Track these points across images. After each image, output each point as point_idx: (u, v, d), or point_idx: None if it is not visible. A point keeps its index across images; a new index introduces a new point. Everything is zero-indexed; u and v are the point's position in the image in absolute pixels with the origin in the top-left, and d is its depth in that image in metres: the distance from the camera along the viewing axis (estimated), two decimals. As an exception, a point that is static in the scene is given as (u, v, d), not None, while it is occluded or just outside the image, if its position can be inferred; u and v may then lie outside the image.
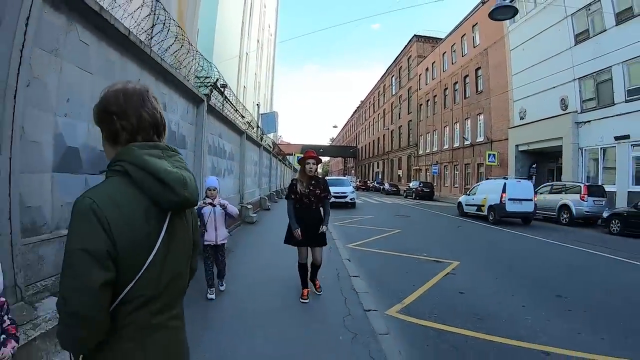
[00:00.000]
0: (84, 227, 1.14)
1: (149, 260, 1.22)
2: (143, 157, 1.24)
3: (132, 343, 1.24)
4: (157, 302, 1.28)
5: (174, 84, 6.19)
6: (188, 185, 1.30)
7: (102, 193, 1.20)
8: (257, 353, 3.71)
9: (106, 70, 3.99)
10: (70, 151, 3.40)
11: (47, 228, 3.13)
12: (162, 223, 1.27)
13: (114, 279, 1.16)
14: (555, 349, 4.12)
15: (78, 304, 1.11)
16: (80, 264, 1.11)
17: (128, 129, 1.30)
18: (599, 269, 8.43)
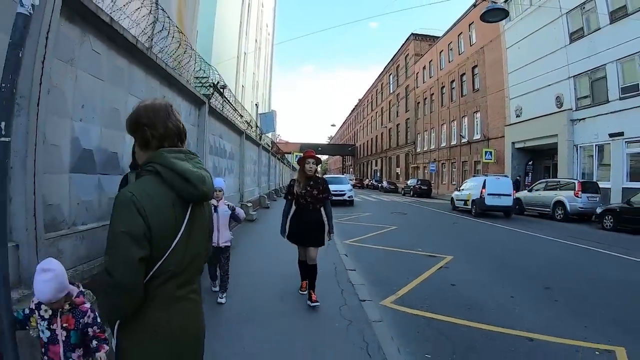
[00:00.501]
0: (126, 214, 1.43)
1: (175, 242, 1.52)
2: (171, 160, 1.54)
3: (160, 311, 1.53)
4: (180, 278, 1.58)
5: (177, 88, 6.48)
6: (206, 182, 1.61)
7: (139, 188, 1.50)
8: (257, 337, 4.00)
9: (115, 76, 4.27)
10: (85, 153, 3.68)
11: (65, 224, 3.40)
12: (185, 212, 1.57)
13: (148, 256, 1.45)
14: (539, 335, 4.38)
15: (121, 276, 1.39)
16: (123, 243, 1.40)
17: (157, 137, 1.61)
18: (589, 263, 8.69)
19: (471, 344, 4.17)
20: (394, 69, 60.94)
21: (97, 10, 3.54)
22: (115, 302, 1.45)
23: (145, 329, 1.53)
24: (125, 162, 4.35)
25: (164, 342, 1.55)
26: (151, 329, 1.53)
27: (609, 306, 5.58)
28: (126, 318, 1.51)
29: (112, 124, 4.19)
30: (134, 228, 1.42)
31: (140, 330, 1.53)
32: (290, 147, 63.87)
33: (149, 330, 1.53)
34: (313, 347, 3.84)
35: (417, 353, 3.91)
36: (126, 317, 1.50)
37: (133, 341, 1.54)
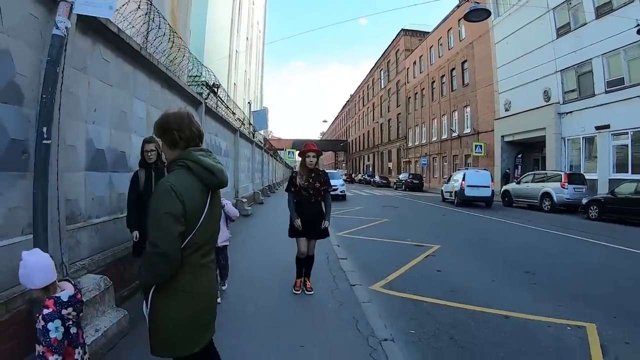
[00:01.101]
0: (168, 199, 1.84)
1: (201, 219, 1.95)
2: (198, 157, 1.99)
3: (189, 275, 1.98)
4: (204, 249, 2.04)
5: (176, 89, 6.85)
6: (224, 173, 2.06)
7: (176, 179, 1.92)
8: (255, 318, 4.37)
9: (122, 81, 4.64)
10: (97, 153, 4.06)
11: (82, 217, 3.76)
12: (207, 198, 2.01)
13: (183, 231, 1.86)
14: (514, 314, 4.77)
15: (166, 247, 1.81)
16: (166, 222, 1.81)
17: (184, 139, 2.04)
18: (570, 250, 9.06)
19: (452, 322, 4.55)
20: (385, 65, 61.25)
21: (106, 22, 3.89)
22: (160, 269, 1.86)
23: (178, 290, 1.96)
24: (133, 160, 4.73)
25: (191, 299, 1.99)
26: (181, 289, 1.97)
27: (584, 288, 5.96)
28: (164, 281, 1.93)
29: (120, 126, 4.57)
30: (175, 209, 1.84)
31: (172, 290, 1.96)
32: (282, 143, 64.06)
33: (180, 290, 1.97)
34: (308, 325, 4.22)
35: (402, 329, 4.30)
36: (165, 280, 1.92)
37: (167, 301, 1.97)
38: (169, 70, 6.07)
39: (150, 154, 3.99)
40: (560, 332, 4.29)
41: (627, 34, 16.98)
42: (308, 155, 5.12)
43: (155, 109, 5.86)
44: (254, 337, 3.89)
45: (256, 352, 3.57)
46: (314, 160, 5.17)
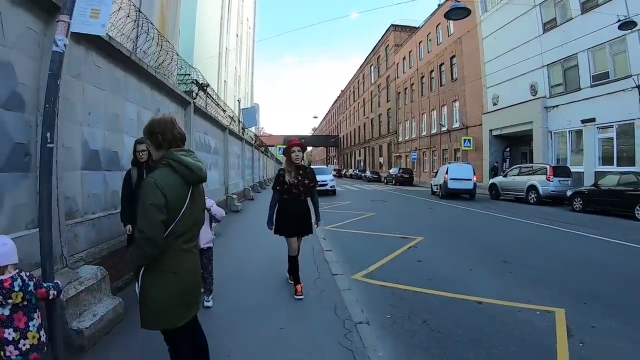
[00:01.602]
0: (153, 193, 2.18)
1: (182, 210, 2.29)
2: (179, 156, 2.33)
3: (172, 258, 2.33)
4: (186, 235, 2.38)
5: (165, 91, 7.14)
6: (202, 169, 2.40)
7: (160, 176, 2.26)
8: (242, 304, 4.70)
9: (114, 85, 4.94)
10: (92, 153, 4.37)
11: (79, 213, 4.07)
12: (188, 191, 2.34)
13: (166, 219, 2.20)
14: (487, 299, 5.09)
15: (151, 233, 2.15)
16: (151, 212, 2.15)
17: (167, 141, 2.38)
18: (550, 240, 9.36)
19: (427, 307, 4.88)
20: (375, 60, 61.50)
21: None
22: (146, 251, 2.20)
23: (161, 271, 2.32)
24: (125, 160, 5.03)
25: (174, 280, 2.34)
26: (165, 271, 2.32)
27: (559, 276, 6.26)
28: (150, 263, 2.29)
29: (113, 128, 4.87)
30: (158, 201, 2.18)
31: (160, 272, 2.32)
32: (273, 139, 64.23)
33: (165, 272, 2.32)
34: (289, 310, 4.57)
35: (378, 313, 4.63)
36: (151, 262, 2.28)
37: (154, 280, 2.33)
38: (157, 73, 6.38)
39: (142, 154, 4.28)
40: (530, 316, 4.56)
41: (611, 29, 17.14)
42: (293, 151, 5.01)
43: (146, 110, 6.17)
44: (239, 320, 4.22)
45: (241, 332, 3.92)
46: (300, 154, 5.06)
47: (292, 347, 3.63)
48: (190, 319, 2.51)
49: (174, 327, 2.41)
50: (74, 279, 3.49)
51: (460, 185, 21.26)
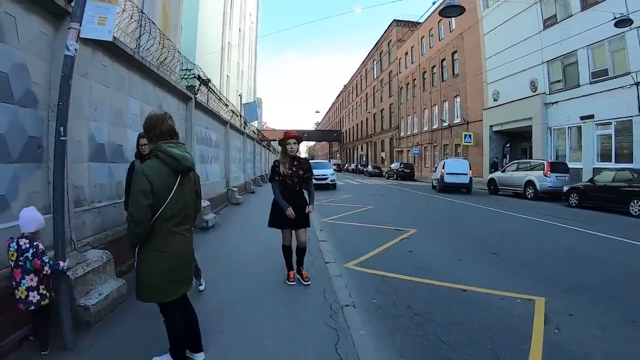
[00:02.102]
0: (140, 181, 2.53)
1: (170, 195, 2.63)
2: (166, 148, 2.65)
3: (161, 239, 2.67)
4: (175, 219, 2.70)
5: (167, 87, 7.45)
6: (188, 159, 2.72)
7: (148, 165, 2.62)
8: (234, 287, 5.00)
9: (118, 83, 5.25)
10: (99, 146, 4.69)
11: (86, 202, 4.39)
12: (175, 179, 2.68)
13: (152, 204, 2.54)
14: (472, 288, 5.37)
15: (138, 215, 2.50)
16: (139, 197, 2.50)
17: (156, 135, 2.72)
18: (541, 234, 9.61)
19: (413, 293, 5.17)
20: (378, 55, 61.53)
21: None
22: (135, 231, 2.58)
23: (152, 250, 2.67)
24: (129, 152, 5.37)
25: (163, 258, 2.69)
26: (155, 250, 2.67)
27: (545, 267, 6.52)
28: (141, 242, 2.65)
29: (117, 123, 5.19)
30: (144, 188, 2.53)
31: (149, 250, 2.67)
32: (276, 134, 64.18)
33: (154, 251, 2.67)
34: (280, 294, 4.89)
35: (365, 298, 4.94)
36: (141, 241, 2.64)
37: (145, 258, 2.69)
38: (160, 70, 6.69)
39: (144, 147, 4.57)
40: (511, 304, 4.81)
41: (610, 26, 17.04)
42: (289, 143, 5.06)
43: (149, 105, 6.48)
44: (234, 301, 4.55)
45: (234, 312, 4.26)
46: (295, 147, 5.13)
47: (280, 324, 3.97)
48: (180, 295, 2.88)
49: (164, 301, 2.79)
50: (82, 261, 3.81)
51: (457, 179, 21.95)
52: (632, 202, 12.82)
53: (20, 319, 3.23)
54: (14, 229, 3.13)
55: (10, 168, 3.36)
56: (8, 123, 3.30)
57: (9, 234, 3.09)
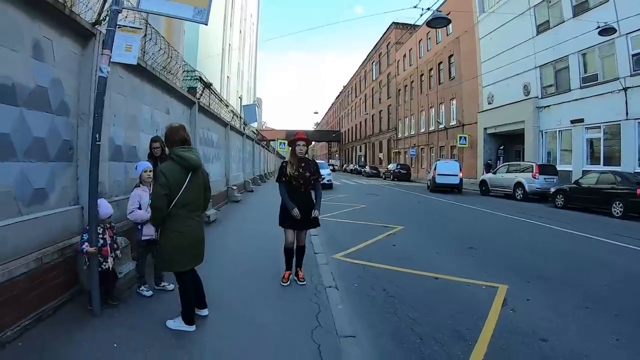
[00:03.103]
0: (159, 177, 3.32)
1: (182, 188, 3.38)
2: (178, 152, 3.44)
3: (177, 223, 3.43)
4: (188, 207, 3.47)
5: (174, 94, 8.19)
6: (194, 160, 3.50)
7: (164, 166, 3.44)
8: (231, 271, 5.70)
9: (133, 92, 5.98)
10: (116, 148, 5.43)
11: (107, 195, 5.07)
12: (186, 175, 3.43)
13: (168, 195, 3.31)
14: (443, 276, 6.04)
15: (157, 203, 3.32)
16: (158, 189, 3.31)
17: (172, 142, 3.51)
18: (520, 232, 10.28)
19: (390, 280, 5.84)
20: (377, 57, 62.21)
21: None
22: (155, 215, 3.41)
23: (171, 231, 3.45)
24: (141, 153, 6.10)
25: (180, 237, 3.46)
26: (174, 231, 3.44)
27: (514, 260, 7.16)
28: (161, 224, 3.46)
29: (131, 127, 5.93)
30: (162, 182, 3.31)
31: (169, 231, 3.45)
32: (275, 134, 65.12)
33: (173, 232, 3.44)
34: (270, 277, 5.54)
35: (347, 282, 5.64)
36: (160, 223, 3.46)
37: (165, 237, 3.49)
38: (168, 79, 7.42)
39: (156, 150, 5.34)
40: (476, 289, 5.47)
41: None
42: (298, 144, 5.10)
43: (158, 111, 7.23)
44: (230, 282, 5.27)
45: (230, 289, 4.99)
46: (304, 149, 5.15)
47: (269, 298, 4.74)
48: (193, 267, 3.70)
49: (180, 271, 3.60)
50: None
51: (447, 180, 23.03)
52: (614, 204, 13.44)
53: (61, 288, 3.97)
54: (54, 216, 3.87)
55: (49, 166, 4.08)
56: (48, 129, 4.03)
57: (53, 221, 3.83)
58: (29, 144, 3.78)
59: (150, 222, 3.71)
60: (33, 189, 3.85)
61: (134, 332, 3.68)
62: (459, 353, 3.58)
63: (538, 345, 3.75)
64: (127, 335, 3.58)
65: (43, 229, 3.88)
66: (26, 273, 3.53)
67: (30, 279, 3.58)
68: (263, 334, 3.78)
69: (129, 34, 3.85)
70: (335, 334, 3.76)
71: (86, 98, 4.54)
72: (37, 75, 3.89)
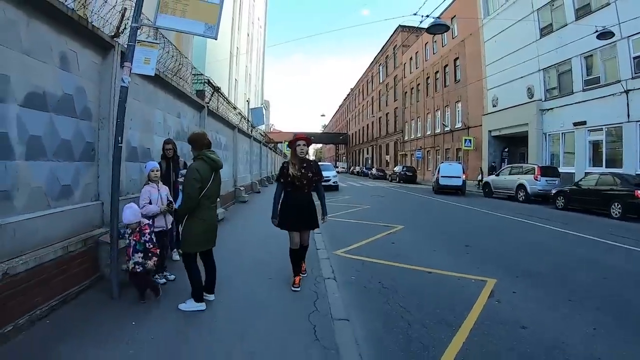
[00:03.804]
0: (194, 172, 3.86)
1: (209, 184, 3.95)
2: (206, 153, 4.03)
3: (202, 212, 4.01)
4: (210, 199, 4.05)
5: (184, 99, 8.69)
6: (219, 161, 4.10)
7: (197, 164, 3.98)
8: (238, 264, 6.11)
9: (147, 98, 6.47)
10: (132, 149, 5.91)
11: (124, 192, 5.53)
12: (212, 173, 4.01)
13: (201, 187, 3.87)
14: (437, 270, 6.42)
15: (192, 194, 3.86)
16: (193, 182, 3.84)
17: (199, 146, 4.06)
18: (516, 232, 10.58)
19: (386, 273, 6.22)
20: (383, 59, 62.40)
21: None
22: (188, 204, 3.89)
23: (197, 218, 3.99)
24: (154, 153, 6.58)
25: (202, 223, 4.02)
26: (199, 218, 3.98)
27: (506, 257, 7.50)
28: (190, 212, 3.96)
29: (146, 130, 6.41)
30: (196, 177, 3.86)
31: (195, 219, 3.98)
32: (283, 136, 65.27)
33: (198, 219, 3.98)
34: (275, 269, 5.94)
35: (346, 275, 6.05)
36: (191, 212, 3.96)
37: (191, 223, 4.02)
38: (179, 85, 7.90)
39: (169, 151, 5.81)
40: (466, 283, 5.83)
41: None
42: (299, 144, 5.07)
43: (170, 115, 7.72)
44: (239, 271, 5.67)
45: (239, 278, 5.39)
46: (305, 149, 5.14)
47: (272, 287, 5.19)
48: (208, 248, 4.32)
49: (198, 251, 4.20)
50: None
51: (451, 182, 23.46)
52: (613, 205, 13.69)
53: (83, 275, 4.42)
54: (77, 210, 4.33)
55: (74, 165, 4.55)
56: (73, 132, 4.50)
57: (76, 215, 4.29)
58: (58, 145, 4.24)
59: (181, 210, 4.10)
60: (60, 186, 4.32)
61: (150, 313, 4.14)
62: (442, 337, 3.95)
63: (517, 332, 4.09)
64: (143, 316, 4.04)
65: (68, 221, 4.35)
66: (54, 260, 3.99)
67: (57, 265, 4.04)
68: (265, 314, 4.24)
69: (148, 48, 4.29)
70: (330, 318, 4.18)
71: (106, 104, 5.02)
72: (64, 84, 4.35)
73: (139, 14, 4.19)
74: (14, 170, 3.66)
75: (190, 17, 4.24)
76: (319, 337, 3.72)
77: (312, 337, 3.71)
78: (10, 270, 3.41)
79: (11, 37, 3.60)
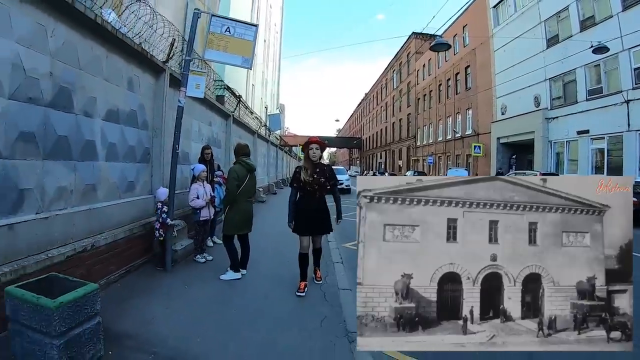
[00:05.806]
0: (234, 173, 5.15)
1: (245, 182, 5.20)
2: (244, 159, 5.34)
3: (241, 204, 5.29)
4: (246, 194, 5.33)
5: (215, 110, 9.98)
6: (254, 165, 5.43)
7: (236, 167, 5.33)
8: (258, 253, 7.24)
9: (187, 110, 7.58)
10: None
11: (169, 189, 6.72)
12: (247, 174, 5.28)
13: (238, 184, 5.12)
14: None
15: (232, 189, 5.13)
16: (233, 181, 5.10)
17: (240, 154, 5.37)
18: None
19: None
20: (397, 66, 63.09)
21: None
22: (229, 197, 5.16)
23: (235, 209, 5.25)
24: (192, 157, 7.79)
25: (240, 213, 5.27)
26: (237, 209, 5.25)
27: None
28: (231, 204, 5.20)
29: (186, 137, 7.65)
30: (235, 177, 5.14)
31: (233, 209, 5.24)
32: (298, 140, 66.35)
33: (237, 209, 5.24)
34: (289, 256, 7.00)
35: (352, 261, 7.02)
36: (231, 204, 5.20)
37: (231, 212, 5.28)
38: (211, 98, 9.14)
39: (207, 155, 7.04)
40: None
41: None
42: (311, 148, 4.99)
43: (203, 124, 8.98)
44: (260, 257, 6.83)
45: (262, 261, 6.56)
46: (317, 152, 5.00)
47: (289, 266, 6.25)
48: (244, 232, 5.52)
49: (236, 234, 5.42)
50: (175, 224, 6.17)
51: None
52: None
53: (142, 252, 5.64)
54: (138, 201, 5.55)
55: (136, 166, 5.82)
56: (136, 140, 5.75)
57: (137, 204, 5.52)
58: (126, 150, 5.49)
59: (224, 202, 5.44)
60: (127, 181, 5.58)
61: (197, 281, 5.35)
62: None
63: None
64: (192, 283, 5.26)
65: (133, 209, 5.61)
66: (123, 238, 5.23)
67: (125, 242, 5.28)
68: (284, 284, 5.46)
69: (197, 76, 5.47)
70: (337, 288, 5.35)
71: (158, 117, 6.27)
72: (130, 101, 5.61)
73: (191, 49, 5.40)
74: (98, 169, 4.90)
75: (230, 51, 5.44)
76: (327, 299, 4.88)
77: (322, 300, 4.88)
78: (96, 242, 4.64)
79: (97, 68, 4.83)
